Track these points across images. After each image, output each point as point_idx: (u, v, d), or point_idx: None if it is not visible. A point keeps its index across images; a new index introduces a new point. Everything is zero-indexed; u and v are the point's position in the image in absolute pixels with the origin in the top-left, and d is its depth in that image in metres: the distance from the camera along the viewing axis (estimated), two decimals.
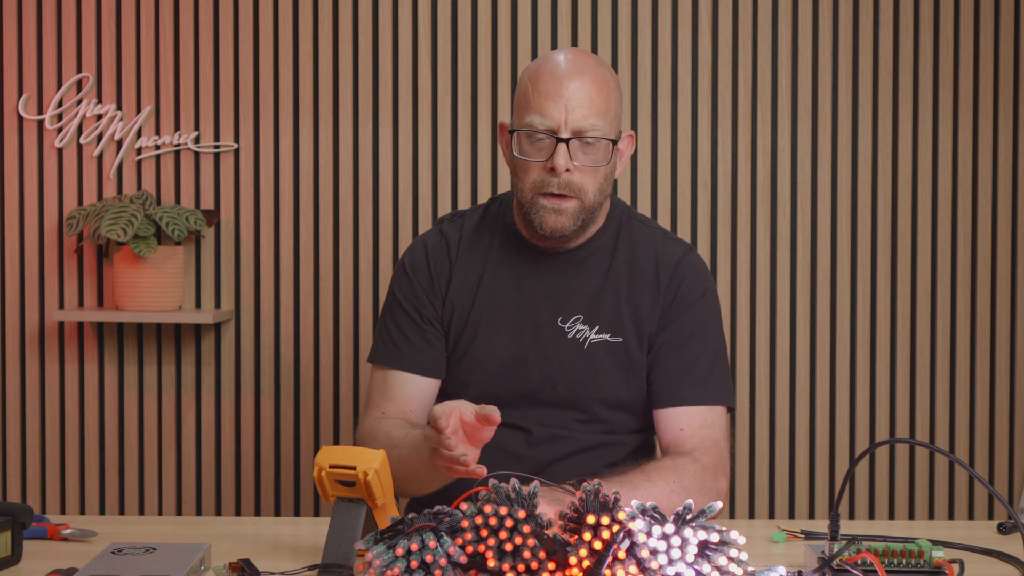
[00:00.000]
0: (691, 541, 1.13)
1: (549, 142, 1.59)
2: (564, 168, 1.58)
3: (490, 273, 1.72)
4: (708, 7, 2.66)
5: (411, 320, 1.72)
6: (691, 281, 1.70)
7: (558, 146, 1.58)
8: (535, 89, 1.60)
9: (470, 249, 1.74)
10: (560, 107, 1.58)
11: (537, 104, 1.59)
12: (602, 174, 1.63)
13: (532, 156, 1.61)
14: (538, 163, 1.61)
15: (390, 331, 1.73)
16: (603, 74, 1.63)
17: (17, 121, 2.67)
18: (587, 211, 1.63)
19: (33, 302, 2.69)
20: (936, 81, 2.67)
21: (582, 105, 1.58)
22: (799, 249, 2.68)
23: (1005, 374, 2.70)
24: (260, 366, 2.69)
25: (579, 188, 1.61)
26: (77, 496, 2.71)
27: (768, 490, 2.70)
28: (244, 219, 2.68)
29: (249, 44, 2.67)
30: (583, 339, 1.67)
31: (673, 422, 1.65)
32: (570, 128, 1.58)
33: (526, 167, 1.62)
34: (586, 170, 1.61)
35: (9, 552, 1.31)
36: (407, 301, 1.73)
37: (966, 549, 1.41)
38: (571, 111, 1.58)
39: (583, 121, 1.58)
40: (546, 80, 1.60)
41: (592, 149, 1.60)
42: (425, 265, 1.74)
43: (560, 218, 1.62)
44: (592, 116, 1.59)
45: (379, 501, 1.27)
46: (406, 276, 1.75)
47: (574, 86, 1.59)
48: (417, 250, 1.76)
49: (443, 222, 1.79)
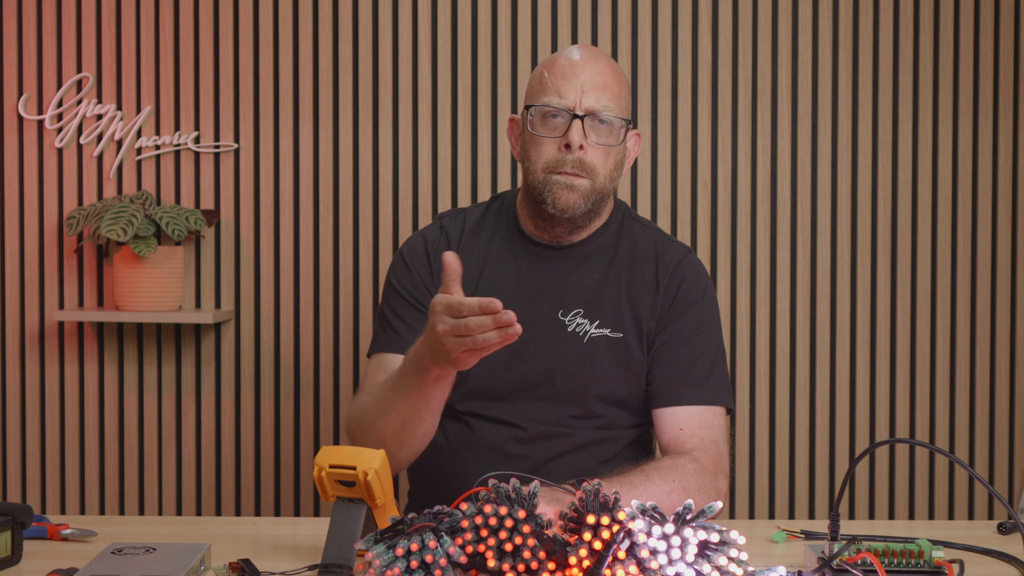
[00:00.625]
0: (691, 541, 1.13)
1: (564, 120, 1.63)
2: (578, 144, 1.61)
3: (491, 267, 1.72)
4: (708, 7, 2.66)
5: (410, 307, 1.72)
6: (691, 282, 1.71)
7: (573, 122, 1.62)
8: (551, 72, 1.66)
9: (471, 243, 1.74)
10: (576, 87, 1.63)
11: (554, 85, 1.64)
12: (613, 157, 1.66)
13: (546, 134, 1.64)
14: (552, 140, 1.64)
15: (389, 319, 1.73)
16: (616, 66, 1.70)
17: (17, 121, 2.67)
18: (597, 193, 1.66)
19: (33, 302, 2.69)
20: (936, 81, 2.67)
21: (596, 87, 1.63)
22: (799, 249, 2.68)
23: (1005, 374, 2.70)
24: (260, 366, 2.69)
25: (591, 168, 1.64)
26: (77, 496, 2.71)
27: (768, 490, 2.70)
28: (244, 219, 2.68)
29: (249, 44, 2.67)
30: (583, 332, 1.68)
31: (672, 422, 1.65)
32: (584, 107, 1.63)
33: (539, 144, 1.65)
34: (599, 150, 1.64)
35: (9, 552, 1.31)
36: (405, 290, 1.73)
37: (966, 549, 1.41)
38: (586, 92, 1.63)
39: (597, 102, 1.63)
40: (562, 64, 1.66)
41: (605, 129, 1.64)
42: (424, 256, 1.74)
43: (572, 195, 1.64)
44: (605, 99, 1.63)
45: (379, 501, 1.27)
46: (404, 266, 1.75)
47: (590, 70, 1.65)
48: (416, 242, 1.77)
49: (443, 217, 1.80)
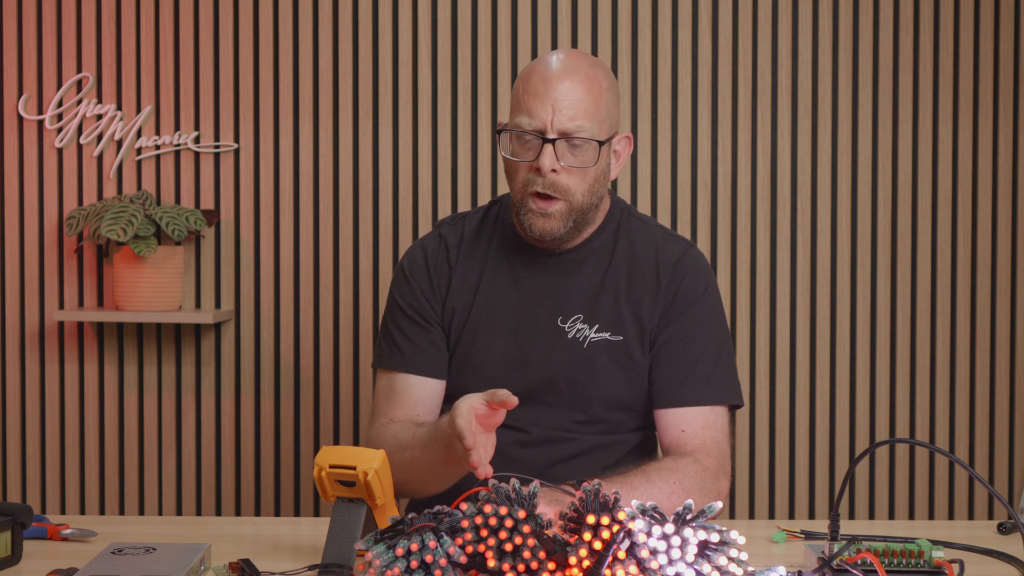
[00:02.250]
0: (691, 541, 1.13)
1: (536, 143, 1.59)
2: (550, 168, 1.58)
3: (489, 276, 1.71)
4: (708, 7, 2.66)
5: (413, 323, 1.71)
6: (692, 279, 1.69)
7: (544, 146, 1.58)
8: (525, 90, 1.61)
9: (469, 252, 1.73)
10: (547, 108, 1.57)
11: (526, 104, 1.59)
12: (591, 175, 1.62)
13: (521, 156, 1.61)
14: (526, 163, 1.61)
15: (392, 335, 1.72)
16: (594, 74, 1.62)
17: (17, 121, 2.67)
18: (576, 212, 1.62)
19: (33, 302, 2.69)
20: (936, 81, 2.67)
21: (570, 106, 1.57)
22: (799, 249, 2.68)
23: (1005, 374, 2.70)
24: (260, 366, 2.69)
25: (565, 189, 1.60)
26: (77, 496, 2.71)
27: (768, 490, 2.70)
28: (244, 219, 2.68)
29: (249, 44, 2.67)
30: (583, 338, 1.67)
31: (675, 423, 1.64)
32: (556, 129, 1.57)
33: (515, 167, 1.62)
34: (573, 171, 1.60)
35: (9, 552, 1.31)
36: (407, 304, 1.72)
37: (966, 549, 1.41)
38: (558, 112, 1.57)
39: (570, 123, 1.57)
40: (535, 81, 1.60)
41: (580, 151, 1.60)
42: (424, 269, 1.73)
43: (548, 222, 1.61)
44: (579, 117, 1.58)
45: (379, 501, 1.27)
46: (405, 280, 1.74)
47: (563, 87, 1.58)
48: (416, 254, 1.76)
49: (442, 225, 1.78)
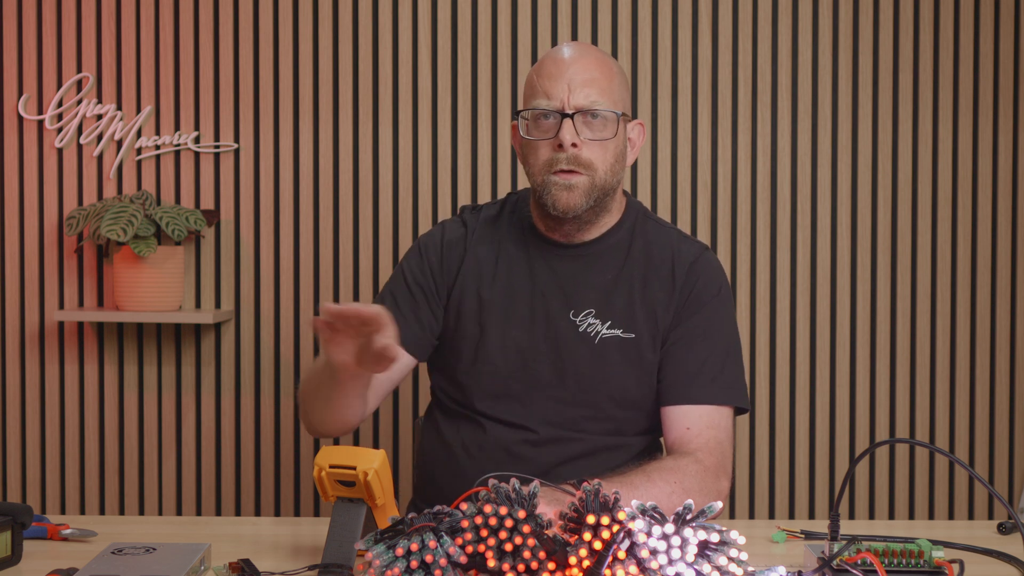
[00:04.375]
0: (691, 541, 1.13)
1: (555, 120, 1.63)
2: (571, 142, 1.61)
3: (503, 264, 1.73)
4: (708, 7, 2.66)
5: (408, 293, 1.74)
6: (706, 279, 1.71)
7: (563, 121, 1.62)
8: (539, 75, 1.66)
9: (485, 239, 1.76)
10: (563, 86, 1.63)
11: (542, 87, 1.64)
12: (611, 150, 1.65)
13: (540, 136, 1.65)
14: (546, 142, 1.64)
15: (383, 298, 1.76)
16: (605, 59, 1.68)
17: (17, 121, 2.67)
18: (599, 189, 1.65)
19: (33, 302, 2.69)
20: (936, 81, 2.67)
21: (585, 83, 1.63)
22: (799, 249, 2.68)
23: (1005, 374, 2.70)
24: (260, 366, 2.69)
25: (588, 163, 1.63)
26: (77, 496, 2.71)
27: (768, 490, 2.70)
28: (244, 219, 2.68)
29: (249, 44, 2.67)
30: (594, 333, 1.68)
31: (680, 420, 1.65)
32: (573, 104, 1.62)
33: (535, 148, 1.66)
34: (594, 145, 1.63)
35: (9, 552, 1.31)
36: (411, 275, 1.76)
37: (966, 549, 1.41)
38: (573, 90, 1.62)
39: (585, 99, 1.62)
40: (549, 65, 1.66)
41: (598, 124, 1.64)
42: (439, 247, 1.77)
43: (572, 195, 1.63)
44: (594, 94, 1.63)
45: (379, 501, 1.27)
46: (418, 253, 1.78)
47: (576, 67, 1.64)
48: (435, 232, 1.80)
49: (464, 211, 1.82)
